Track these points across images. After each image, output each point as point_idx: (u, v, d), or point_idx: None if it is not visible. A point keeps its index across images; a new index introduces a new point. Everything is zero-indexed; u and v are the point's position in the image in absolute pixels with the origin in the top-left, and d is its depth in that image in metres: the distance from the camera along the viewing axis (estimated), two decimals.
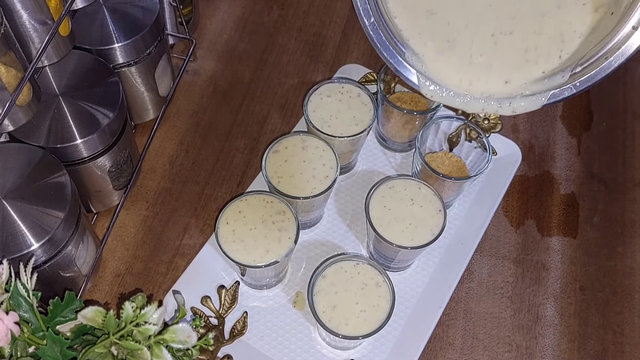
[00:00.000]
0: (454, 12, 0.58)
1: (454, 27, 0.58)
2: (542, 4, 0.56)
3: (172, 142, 0.80)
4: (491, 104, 0.58)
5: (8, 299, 0.49)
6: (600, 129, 0.84)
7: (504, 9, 0.57)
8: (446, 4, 0.58)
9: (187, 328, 0.50)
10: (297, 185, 0.67)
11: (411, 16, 0.59)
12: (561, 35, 0.56)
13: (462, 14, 0.58)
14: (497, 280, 0.72)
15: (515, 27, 0.57)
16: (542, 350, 0.69)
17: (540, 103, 0.57)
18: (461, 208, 0.76)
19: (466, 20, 0.58)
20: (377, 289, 0.63)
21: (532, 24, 0.57)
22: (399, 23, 0.59)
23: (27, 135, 0.62)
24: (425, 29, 0.59)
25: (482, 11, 0.57)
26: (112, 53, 0.69)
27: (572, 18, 0.55)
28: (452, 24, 0.58)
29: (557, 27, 0.56)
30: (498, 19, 0.57)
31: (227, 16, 0.91)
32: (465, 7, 0.57)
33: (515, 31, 0.57)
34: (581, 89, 0.56)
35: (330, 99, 0.73)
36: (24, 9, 0.52)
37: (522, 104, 0.58)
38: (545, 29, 0.57)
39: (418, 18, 0.59)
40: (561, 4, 0.55)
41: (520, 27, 0.57)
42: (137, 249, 0.73)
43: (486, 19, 0.57)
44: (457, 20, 0.58)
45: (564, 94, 0.56)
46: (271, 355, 0.66)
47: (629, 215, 0.77)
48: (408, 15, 0.59)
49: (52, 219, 0.57)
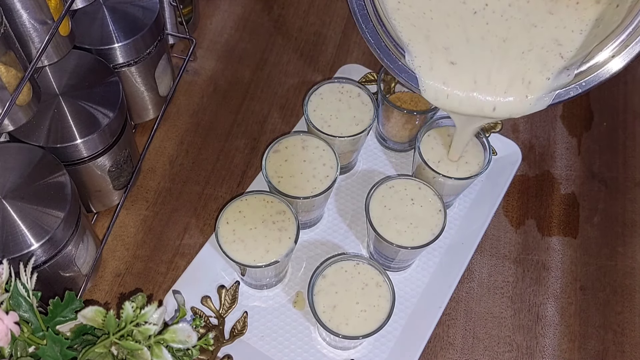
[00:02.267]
0: (452, 32, 0.57)
1: (452, 41, 0.58)
2: (533, 15, 0.55)
3: (172, 142, 0.80)
4: (495, 107, 0.58)
5: (8, 299, 0.49)
6: (600, 129, 0.84)
7: (497, 27, 0.56)
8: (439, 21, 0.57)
9: (187, 328, 0.50)
10: (297, 185, 0.67)
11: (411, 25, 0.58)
12: (556, 40, 0.55)
13: (459, 30, 0.57)
14: (498, 280, 0.72)
15: (510, 43, 0.57)
16: (542, 350, 0.69)
17: (545, 103, 0.57)
18: (461, 208, 0.76)
19: (465, 36, 0.57)
20: (377, 288, 0.63)
21: (523, 41, 0.56)
22: (397, 25, 0.58)
23: (27, 135, 0.62)
24: (425, 29, 0.58)
25: (479, 32, 0.57)
26: (112, 53, 0.69)
27: (567, 21, 0.55)
28: (450, 38, 0.58)
29: (550, 35, 0.55)
30: (490, 35, 0.57)
31: (227, 16, 0.91)
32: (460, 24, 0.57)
33: (510, 48, 0.57)
34: (587, 88, 0.55)
35: (330, 98, 0.73)
36: (24, 9, 0.52)
37: (524, 105, 0.57)
38: (537, 41, 0.56)
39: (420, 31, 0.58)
40: (553, 9, 0.54)
41: (513, 44, 0.56)
42: (137, 249, 0.73)
43: (482, 37, 0.57)
44: (455, 37, 0.58)
45: (569, 94, 0.56)
46: (271, 355, 0.66)
47: (629, 215, 0.77)
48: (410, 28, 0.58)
49: (52, 218, 0.57)
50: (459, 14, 0.56)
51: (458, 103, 0.59)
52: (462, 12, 0.56)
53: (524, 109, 0.57)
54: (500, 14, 0.55)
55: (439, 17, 0.57)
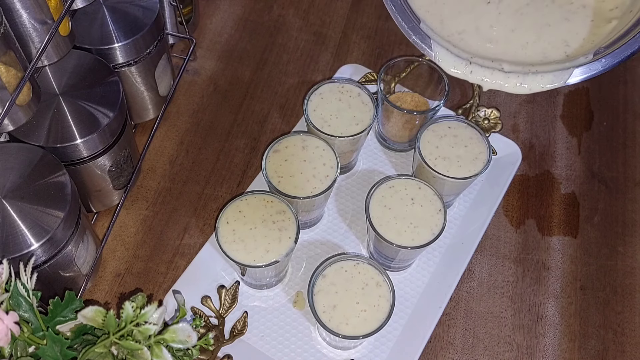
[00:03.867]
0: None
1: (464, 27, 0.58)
2: (549, 17, 0.55)
3: (172, 142, 0.80)
4: (511, 77, 0.57)
5: (8, 299, 0.49)
6: (600, 129, 0.84)
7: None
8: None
9: (187, 328, 0.50)
10: (297, 185, 0.67)
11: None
12: (565, 41, 0.56)
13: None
14: (498, 279, 0.72)
15: (517, 33, 0.57)
16: (542, 350, 0.69)
17: (564, 79, 0.56)
18: (461, 208, 0.76)
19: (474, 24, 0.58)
20: (377, 288, 0.63)
21: (531, 35, 0.56)
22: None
23: (27, 135, 0.62)
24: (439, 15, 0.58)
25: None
26: (112, 53, 0.69)
27: (580, 30, 0.55)
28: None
29: (561, 36, 0.56)
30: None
31: (227, 15, 0.91)
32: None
33: (516, 38, 0.57)
34: (607, 66, 0.54)
35: (330, 98, 0.73)
36: (24, 9, 0.52)
37: (544, 79, 0.57)
38: (545, 37, 0.56)
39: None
40: (569, 18, 0.55)
41: (520, 35, 0.57)
42: (137, 249, 0.73)
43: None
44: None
45: (589, 71, 0.55)
46: (271, 355, 0.66)
47: (629, 215, 0.77)
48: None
49: (52, 218, 0.57)
50: (472, 2, 0.57)
51: (470, 71, 0.59)
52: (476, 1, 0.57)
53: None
54: (515, 9, 0.56)
55: (452, 4, 0.57)
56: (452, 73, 0.60)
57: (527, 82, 0.57)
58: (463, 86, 0.85)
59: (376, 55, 0.88)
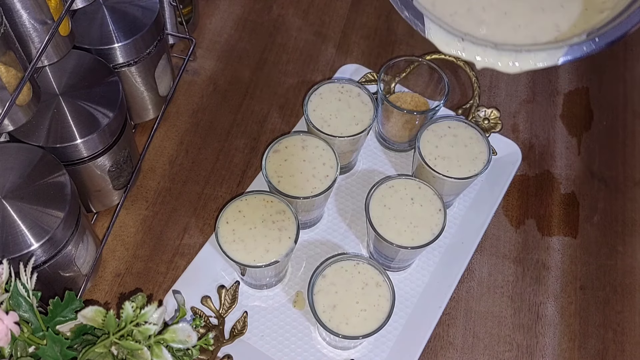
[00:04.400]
0: None
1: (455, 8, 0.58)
2: (546, 2, 0.55)
3: (172, 142, 0.80)
4: (504, 55, 0.57)
5: (8, 299, 0.49)
6: (600, 128, 0.84)
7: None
8: None
9: (187, 328, 0.50)
10: (297, 185, 0.67)
11: None
12: (557, 25, 0.56)
13: None
14: (498, 279, 0.72)
15: (508, 17, 0.57)
16: (542, 350, 0.69)
17: (556, 58, 0.56)
18: (461, 208, 0.76)
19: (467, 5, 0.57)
20: (377, 288, 0.63)
21: (523, 18, 0.56)
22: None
23: (27, 135, 0.62)
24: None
25: None
26: (112, 53, 0.69)
27: (574, 17, 0.55)
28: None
29: (553, 21, 0.56)
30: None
31: (227, 16, 0.91)
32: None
33: (506, 21, 0.57)
34: (601, 45, 0.54)
35: (330, 98, 0.73)
36: (24, 9, 0.52)
37: (537, 56, 0.57)
38: (537, 21, 0.56)
39: None
40: (565, 5, 0.55)
41: (511, 18, 0.56)
42: (137, 249, 0.73)
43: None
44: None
45: (582, 49, 0.55)
46: (271, 355, 0.66)
47: (629, 214, 0.77)
48: None
49: (52, 218, 0.57)
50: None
51: (462, 47, 0.59)
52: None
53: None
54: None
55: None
56: (444, 50, 0.60)
57: (520, 59, 0.58)
58: (463, 86, 0.85)
59: (376, 55, 0.88)
